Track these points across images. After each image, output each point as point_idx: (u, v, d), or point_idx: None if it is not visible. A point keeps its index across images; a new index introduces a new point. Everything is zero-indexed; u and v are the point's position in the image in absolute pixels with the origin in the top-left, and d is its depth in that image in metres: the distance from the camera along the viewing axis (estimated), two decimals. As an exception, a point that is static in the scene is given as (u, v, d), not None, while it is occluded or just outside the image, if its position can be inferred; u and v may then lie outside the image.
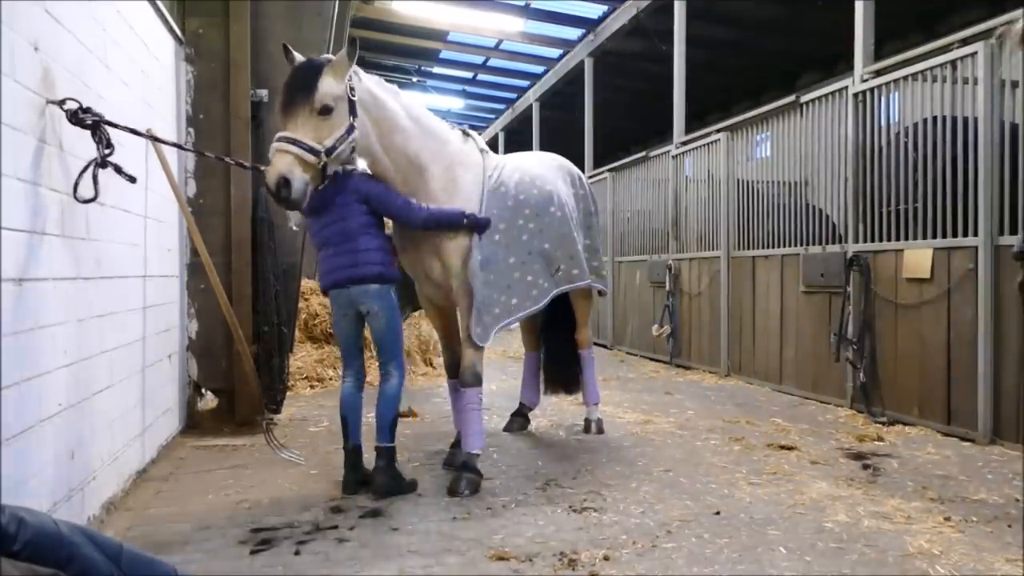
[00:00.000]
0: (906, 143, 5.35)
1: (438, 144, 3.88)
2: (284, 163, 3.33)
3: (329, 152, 3.43)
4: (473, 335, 3.87)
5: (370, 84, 3.67)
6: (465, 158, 4.00)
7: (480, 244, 3.87)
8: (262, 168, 4.23)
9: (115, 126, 3.18)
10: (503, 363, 8.69)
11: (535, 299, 4.12)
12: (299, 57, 3.65)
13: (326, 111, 3.42)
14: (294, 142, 3.35)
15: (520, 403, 5.30)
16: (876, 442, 4.77)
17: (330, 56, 3.56)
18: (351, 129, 3.50)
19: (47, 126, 2.79)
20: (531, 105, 15.04)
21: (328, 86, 3.42)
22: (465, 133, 4.16)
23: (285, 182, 3.32)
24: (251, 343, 4.92)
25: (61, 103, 2.84)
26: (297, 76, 3.47)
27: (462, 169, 3.95)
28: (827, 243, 6.22)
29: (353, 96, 3.51)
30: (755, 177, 7.42)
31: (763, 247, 7.11)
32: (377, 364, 4.19)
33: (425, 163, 3.82)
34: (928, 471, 4.12)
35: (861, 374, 5.62)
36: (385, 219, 4.01)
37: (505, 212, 4.02)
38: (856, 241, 5.82)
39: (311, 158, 3.37)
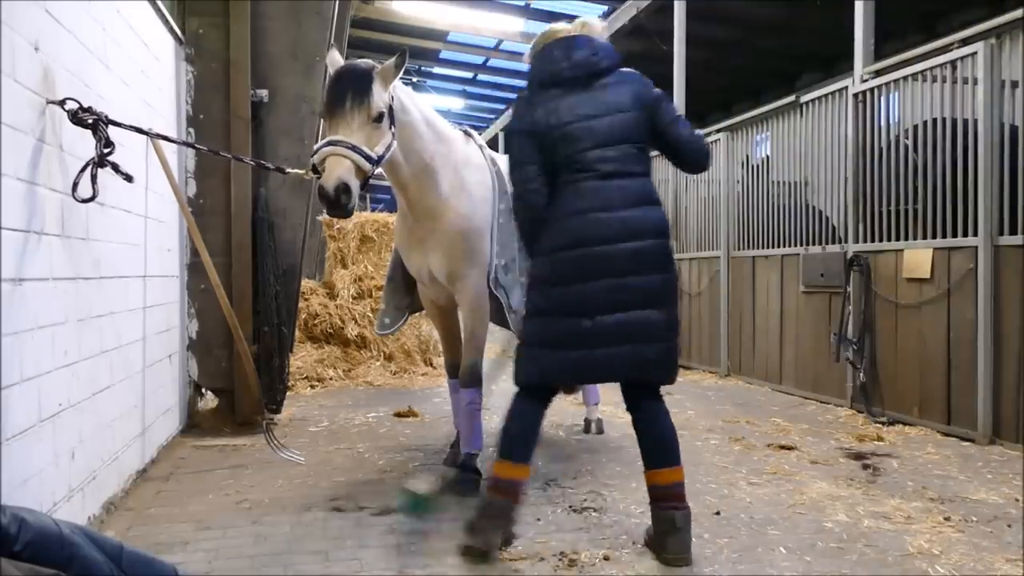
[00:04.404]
0: (906, 144, 5.36)
1: (447, 147, 3.87)
2: (343, 169, 3.13)
3: (378, 161, 3.31)
4: (517, 332, 3.95)
5: (401, 94, 3.59)
6: (470, 159, 4.01)
7: (495, 250, 3.90)
8: (269, 166, 4.23)
9: (118, 125, 3.18)
10: (503, 363, 8.68)
11: (521, 295, 4.14)
12: (337, 59, 3.49)
13: (379, 119, 3.30)
14: (352, 147, 3.17)
15: (520, 403, 5.29)
16: (876, 442, 4.77)
17: (373, 63, 3.44)
18: (393, 139, 3.41)
19: (47, 126, 2.79)
20: (531, 105, 15.01)
21: (379, 93, 3.31)
22: (467, 134, 4.17)
23: (346, 188, 3.12)
24: (251, 343, 4.92)
25: (61, 103, 2.84)
26: (350, 79, 3.31)
27: (468, 170, 3.95)
28: (827, 243, 6.23)
29: (393, 105, 3.44)
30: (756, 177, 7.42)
31: (763, 247, 7.12)
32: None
33: (437, 167, 3.79)
34: (928, 471, 4.12)
35: (861, 374, 5.62)
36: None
37: (506, 209, 4.05)
38: (856, 241, 5.82)
39: (367, 166, 3.21)
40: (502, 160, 4.45)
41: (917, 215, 5.26)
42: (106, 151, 3.00)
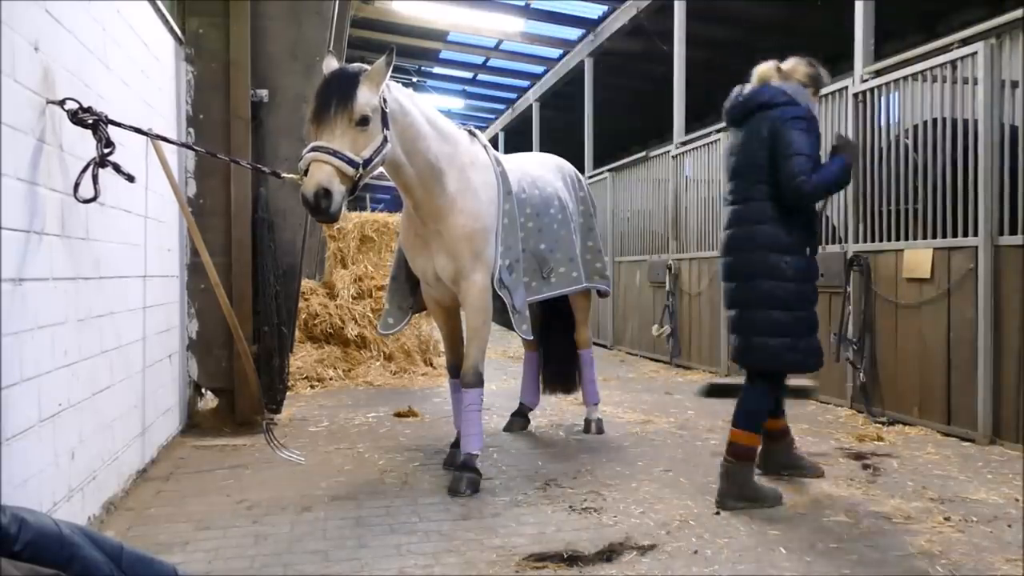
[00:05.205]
0: (906, 143, 5.36)
1: (451, 147, 3.88)
2: (324, 174, 3.17)
3: (366, 164, 3.31)
4: (521, 332, 4.06)
5: (399, 95, 3.60)
6: (475, 159, 4.01)
7: (500, 251, 3.91)
8: (265, 169, 4.23)
9: (118, 125, 3.18)
10: (503, 363, 8.69)
11: (524, 296, 4.15)
12: (333, 65, 3.50)
13: (364, 122, 3.30)
14: (334, 153, 3.19)
15: (520, 403, 5.30)
16: (876, 442, 4.76)
17: (364, 65, 3.46)
18: (385, 141, 3.41)
19: (47, 126, 2.79)
20: (531, 105, 15.03)
21: (365, 96, 3.30)
22: (471, 133, 4.17)
23: (325, 193, 3.16)
24: (251, 343, 4.92)
25: (61, 103, 2.84)
26: (334, 84, 3.33)
27: (474, 171, 3.95)
28: (827, 243, 6.22)
29: (386, 107, 3.43)
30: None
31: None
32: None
33: (443, 167, 3.80)
34: (928, 471, 4.12)
35: (861, 374, 5.61)
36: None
37: (510, 210, 4.06)
38: (856, 241, 5.82)
39: (350, 170, 3.23)
40: (506, 160, 4.46)
41: (917, 215, 5.26)
42: (107, 151, 3.01)
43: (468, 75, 16.15)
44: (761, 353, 3.50)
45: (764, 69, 3.73)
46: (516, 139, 17.11)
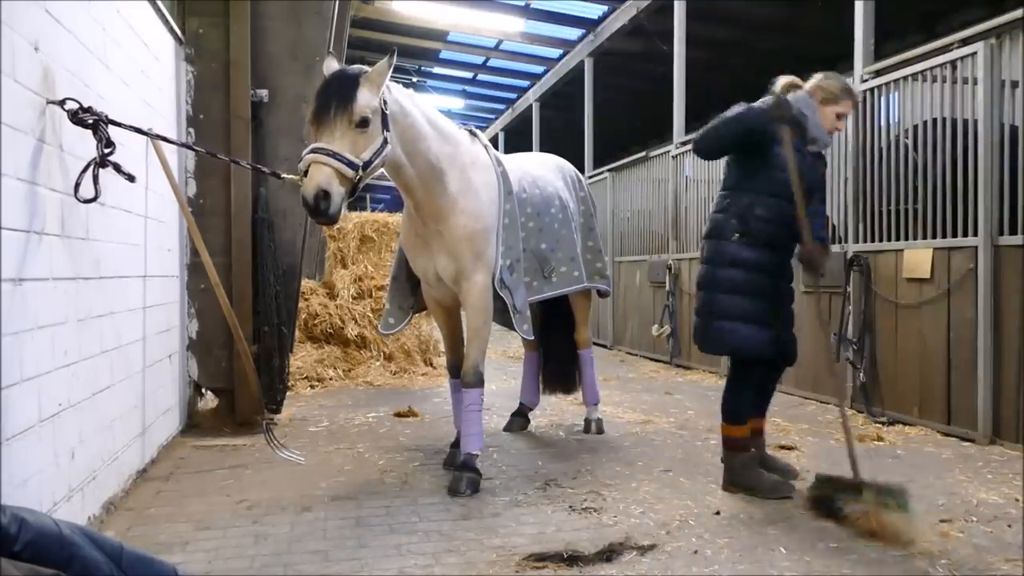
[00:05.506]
0: (906, 143, 5.36)
1: (452, 147, 3.88)
2: (323, 176, 3.17)
3: (366, 166, 3.31)
4: (522, 332, 4.07)
5: (399, 96, 3.60)
6: (476, 159, 4.01)
7: (500, 251, 3.91)
8: (265, 170, 4.23)
9: (118, 125, 3.18)
10: (503, 363, 8.69)
11: (525, 296, 4.15)
12: (333, 66, 3.51)
13: (364, 124, 3.29)
14: (333, 155, 3.20)
15: (520, 403, 5.30)
16: (876, 442, 4.76)
17: (364, 67, 3.46)
18: (385, 143, 3.41)
19: (47, 126, 2.79)
20: (531, 105, 15.03)
21: (365, 98, 3.30)
22: (472, 133, 4.17)
23: (324, 195, 3.16)
24: (251, 343, 4.92)
25: (61, 103, 2.84)
26: (334, 86, 3.33)
27: (474, 171, 3.95)
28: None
29: (386, 109, 3.42)
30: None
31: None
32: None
33: (444, 167, 3.80)
34: (928, 471, 4.11)
35: (861, 374, 5.61)
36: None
37: (511, 210, 4.06)
38: (856, 241, 5.82)
39: (349, 172, 3.23)
40: (507, 160, 4.46)
41: (917, 215, 5.26)
42: (107, 151, 3.01)
43: (468, 75, 16.15)
44: (695, 332, 3.81)
45: (782, 81, 3.87)
46: (516, 139, 17.11)
